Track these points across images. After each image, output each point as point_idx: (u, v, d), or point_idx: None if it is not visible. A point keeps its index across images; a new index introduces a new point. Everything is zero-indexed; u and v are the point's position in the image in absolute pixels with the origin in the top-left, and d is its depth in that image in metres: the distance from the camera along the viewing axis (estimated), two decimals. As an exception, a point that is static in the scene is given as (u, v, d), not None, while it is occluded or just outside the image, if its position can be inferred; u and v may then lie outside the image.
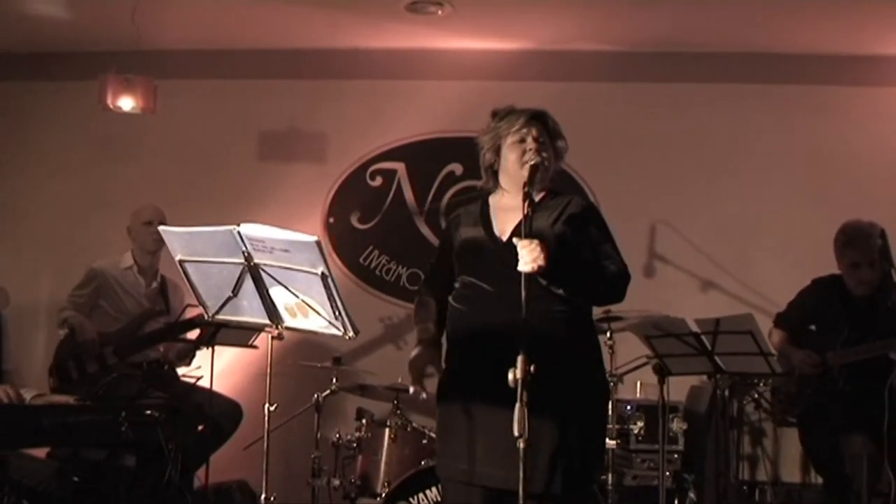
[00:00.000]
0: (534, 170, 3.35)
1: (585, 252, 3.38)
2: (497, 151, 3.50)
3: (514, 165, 3.44)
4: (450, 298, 3.45)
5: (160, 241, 5.46)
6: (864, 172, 6.12)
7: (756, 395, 5.43)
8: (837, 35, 6.00)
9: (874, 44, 6.06)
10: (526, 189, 3.21)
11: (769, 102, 6.30)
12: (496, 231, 3.43)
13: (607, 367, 5.09)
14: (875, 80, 6.21)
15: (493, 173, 3.55)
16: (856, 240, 4.92)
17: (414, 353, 3.50)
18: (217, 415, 5.28)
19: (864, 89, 6.23)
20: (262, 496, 3.67)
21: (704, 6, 5.73)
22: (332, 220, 6.50)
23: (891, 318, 4.45)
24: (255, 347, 5.36)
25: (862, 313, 4.91)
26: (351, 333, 3.17)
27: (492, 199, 3.55)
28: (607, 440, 4.89)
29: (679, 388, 5.40)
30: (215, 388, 5.40)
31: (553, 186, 3.54)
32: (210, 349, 5.21)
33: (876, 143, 6.19)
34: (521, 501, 2.96)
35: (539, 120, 3.49)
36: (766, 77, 6.30)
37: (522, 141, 3.44)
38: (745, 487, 5.45)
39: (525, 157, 3.41)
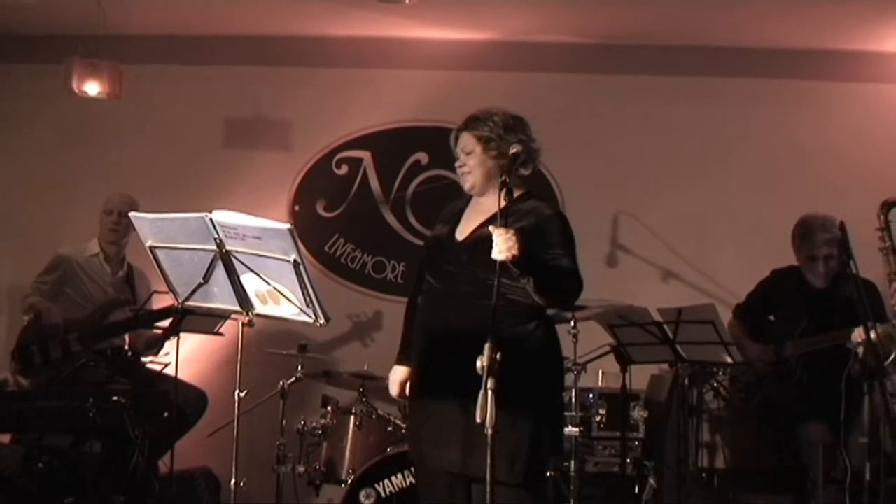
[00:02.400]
0: (514, 157, 3.41)
1: (538, 256, 3.41)
2: None
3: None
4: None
5: (116, 233, 5.51)
6: (823, 165, 6.21)
7: (715, 384, 5.51)
8: (798, 30, 6.07)
9: (833, 39, 6.14)
10: (504, 178, 3.25)
11: (730, 96, 6.37)
12: (458, 232, 3.58)
13: (570, 355, 5.17)
14: (834, 76, 6.29)
15: None
16: (812, 233, 5.03)
17: (393, 369, 3.75)
18: (182, 402, 5.26)
19: (824, 84, 6.30)
20: (232, 481, 3.69)
21: (669, 0, 5.79)
22: (297, 207, 6.48)
23: (848, 310, 4.54)
24: (222, 335, 5.36)
25: (820, 304, 5.02)
26: (322, 321, 3.19)
27: (473, 198, 3.67)
28: (571, 427, 4.97)
29: (640, 377, 5.48)
30: (180, 375, 5.40)
31: (530, 189, 3.65)
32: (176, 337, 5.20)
33: (835, 137, 6.27)
34: (488, 486, 3.00)
35: (465, 130, 3.60)
36: (727, 71, 6.36)
37: (457, 158, 3.62)
38: (703, 474, 5.54)
39: (459, 173, 3.62)
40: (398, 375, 3.71)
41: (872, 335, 3.91)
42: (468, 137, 3.57)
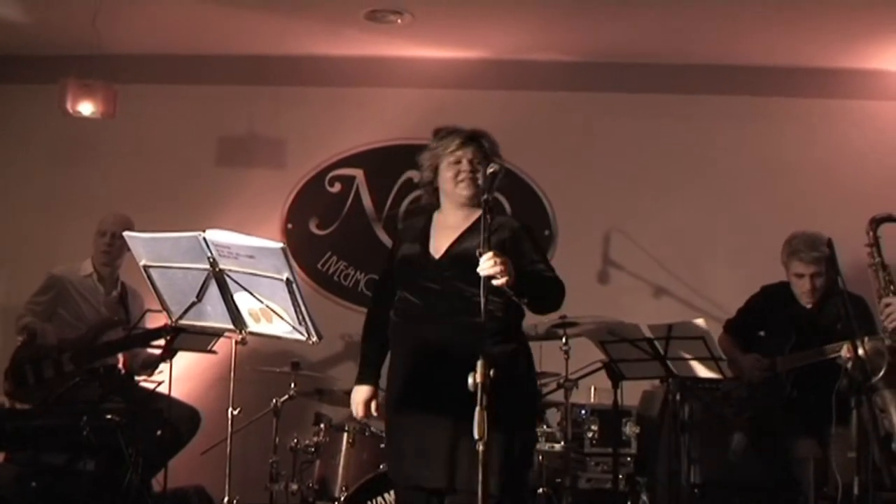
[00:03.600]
0: (493, 176, 3.41)
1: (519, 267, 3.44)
2: (435, 170, 3.67)
3: (449, 184, 3.61)
4: (391, 311, 3.65)
5: (109, 254, 5.49)
6: (812, 182, 6.26)
7: (707, 400, 5.52)
8: (789, 48, 6.14)
9: (825, 57, 6.21)
10: (486, 197, 3.27)
11: (722, 113, 6.43)
12: (432, 249, 3.60)
13: (562, 371, 5.20)
14: (822, 93, 6.35)
15: (434, 190, 3.71)
16: (801, 251, 5.05)
17: (354, 390, 3.75)
18: (175, 420, 5.28)
19: (814, 101, 6.37)
20: (225, 499, 3.70)
21: (659, 18, 5.83)
22: (290, 225, 6.52)
23: (837, 325, 4.57)
24: (214, 353, 5.38)
25: (809, 320, 5.04)
26: (315, 339, 3.20)
27: (435, 216, 3.72)
28: (555, 445, 5.01)
29: (632, 393, 5.49)
30: (173, 393, 5.39)
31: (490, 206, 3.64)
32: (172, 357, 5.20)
33: (823, 153, 6.33)
34: (479, 502, 3.01)
35: (475, 141, 3.63)
36: (718, 88, 6.43)
37: (458, 162, 3.59)
38: (696, 490, 5.54)
39: (459, 177, 3.57)
40: (362, 395, 3.72)
41: (860, 351, 3.93)
42: (477, 151, 3.61)
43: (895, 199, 4.15)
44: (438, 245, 3.60)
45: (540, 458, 5.02)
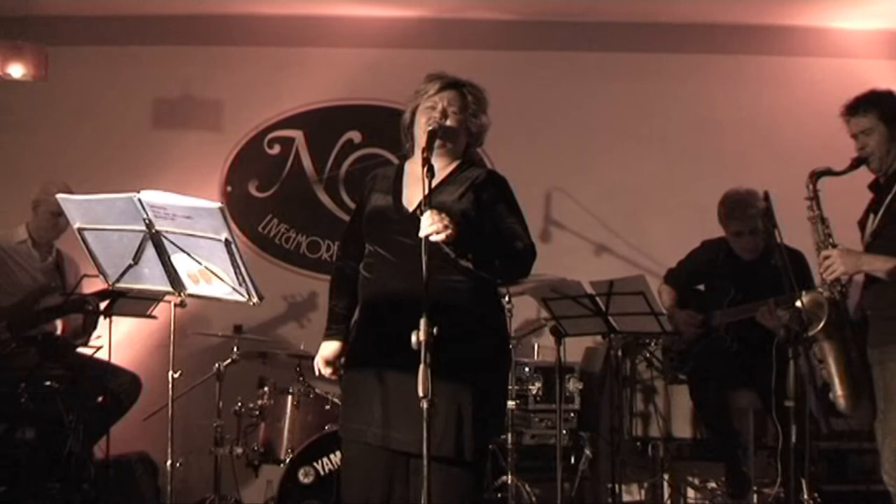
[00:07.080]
0: (431, 136, 3.28)
1: (490, 228, 3.35)
2: (413, 115, 3.46)
3: (420, 130, 3.38)
4: (360, 266, 3.45)
5: (56, 230, 5.36)
6: (750, 138, 6.32)
7: (648, 354, 5.61)
8: (725, 4, 6.17)
9: (761, 13, 6.25)
10: (425, 155, 3.17)
11: (659, 71, 6.45)
12: (404, 201, 3.40)
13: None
14: (762, 49, 6.40)
15: (411, 137, 3.49)
16: (736, 210, 5.12)
17: (322, 346, 3.52)
18: (116, 386, 5.23)
19: (752, 58, 6.41)
20: (168, 462, 3.67)
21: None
22: (230, 188, 6.43)
23: (776, 279, 4.64)
24: (154, 317, 5.32)
25: (748, 275, 5.13)
26: (255, 299, 3.16)
27: (407, 165, 3.51)
28: (508, 402, 5.03)
29: (575, 350, 5.55)
30: (113, 360, 5.33)
31: (470, 158, 3.50)
32: (108, 320, 5.12)
33: (762, 110, 6.39)
34: (425, 461, 2.93)
35: (456, 88, 3.44)
36: (655, 46, 6.45)
37: (433, 107, 3.39)
38: (638, 443, 5.63)
39: (429, 122, 3.35)
40: (331, 351, 3.48)
41: (798, 303, 3.99)
42: (457, 97, 3.43)
43: (830, 154, 4.15)
44: (412, 197, 3.37)
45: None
